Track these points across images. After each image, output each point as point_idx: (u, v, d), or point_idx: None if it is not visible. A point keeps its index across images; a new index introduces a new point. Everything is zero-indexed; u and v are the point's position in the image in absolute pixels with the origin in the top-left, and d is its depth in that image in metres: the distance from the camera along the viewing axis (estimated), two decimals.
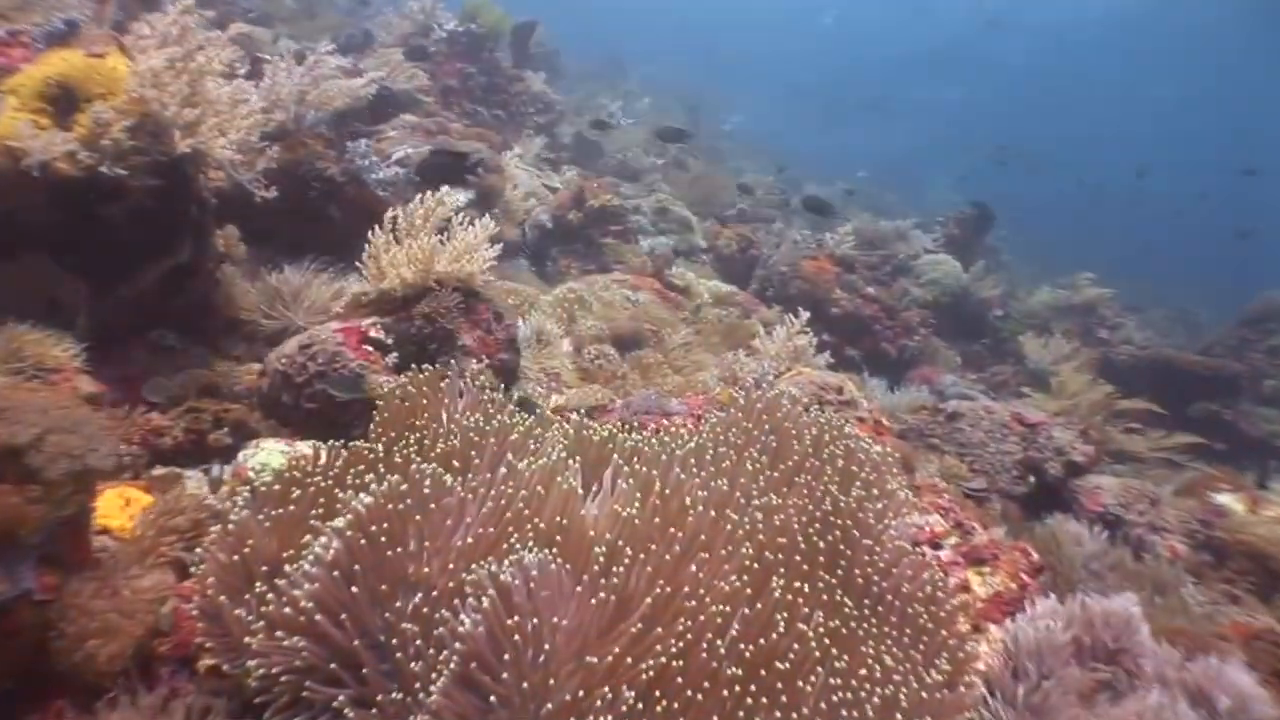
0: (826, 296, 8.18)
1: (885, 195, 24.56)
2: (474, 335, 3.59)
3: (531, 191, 8.12)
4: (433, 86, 9.62)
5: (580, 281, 6.43)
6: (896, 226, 11.68)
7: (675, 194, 11.56)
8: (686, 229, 8.78)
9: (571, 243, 7.41)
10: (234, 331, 4.48)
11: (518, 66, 11.23)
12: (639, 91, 18.55)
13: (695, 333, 6.40)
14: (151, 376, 3.78)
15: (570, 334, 5.51)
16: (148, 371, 3.84)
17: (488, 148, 6.74)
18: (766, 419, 2.60)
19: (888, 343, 8.46)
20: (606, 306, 5.99)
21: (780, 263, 8.41)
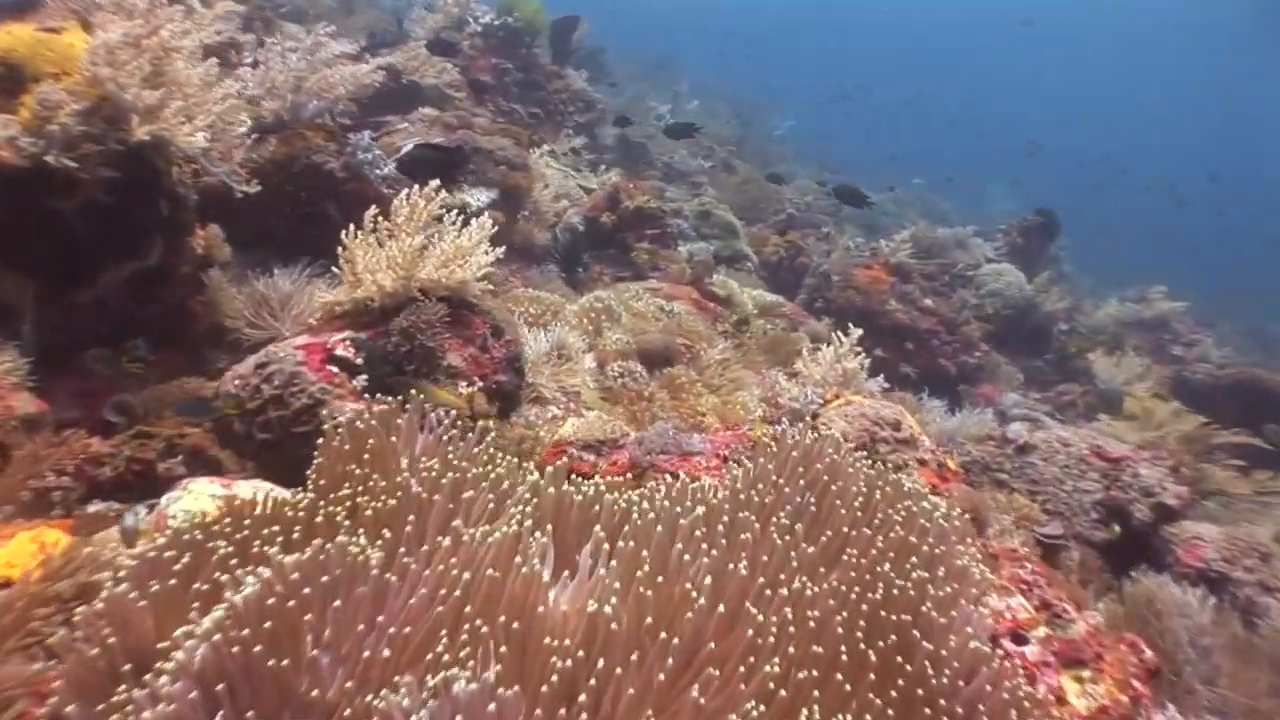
0: (880, 308, 7.56)
1: (941, 203, 23.82)
2: (465, 353, 3.08)
3: (565, 192, 7.62)
4: (464, 82, 9.19)
5: (610, 290, 5.91)
6: (956, 234, 11.00)
7: (721, 198, 11.01)
8: (731, 234, 8.22)
9: (605, 247, 6.90)
10: (218, 342, 4.03)
11: (558, 64, 10.75)
12: (689, 94, 18.02)
13: (735, 347, 5.84)
14: (116, 392, 3.35)
15: (595, 348, 4.99)
16: (112, 387, 3.41)
17: (514, 144, 6.26)
18: (803, 471, 2.05)
19: (946, 359, 7.81)
20: (637, 318, 5.45)
21: (831, 271, 7.81)
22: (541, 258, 6.87)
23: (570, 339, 4.85)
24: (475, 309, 3.27)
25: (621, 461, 2.72)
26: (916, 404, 6.92)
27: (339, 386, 2.76)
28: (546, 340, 4.82)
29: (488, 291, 3.39)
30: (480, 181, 6.00)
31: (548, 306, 5.51)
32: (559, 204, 7.08)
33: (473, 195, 5.92)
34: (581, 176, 8.39)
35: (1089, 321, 11.30)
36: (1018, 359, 9.79)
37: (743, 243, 8.27)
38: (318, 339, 2.90)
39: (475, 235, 3.24)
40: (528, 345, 4.75)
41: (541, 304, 5.51)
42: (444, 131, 6.11)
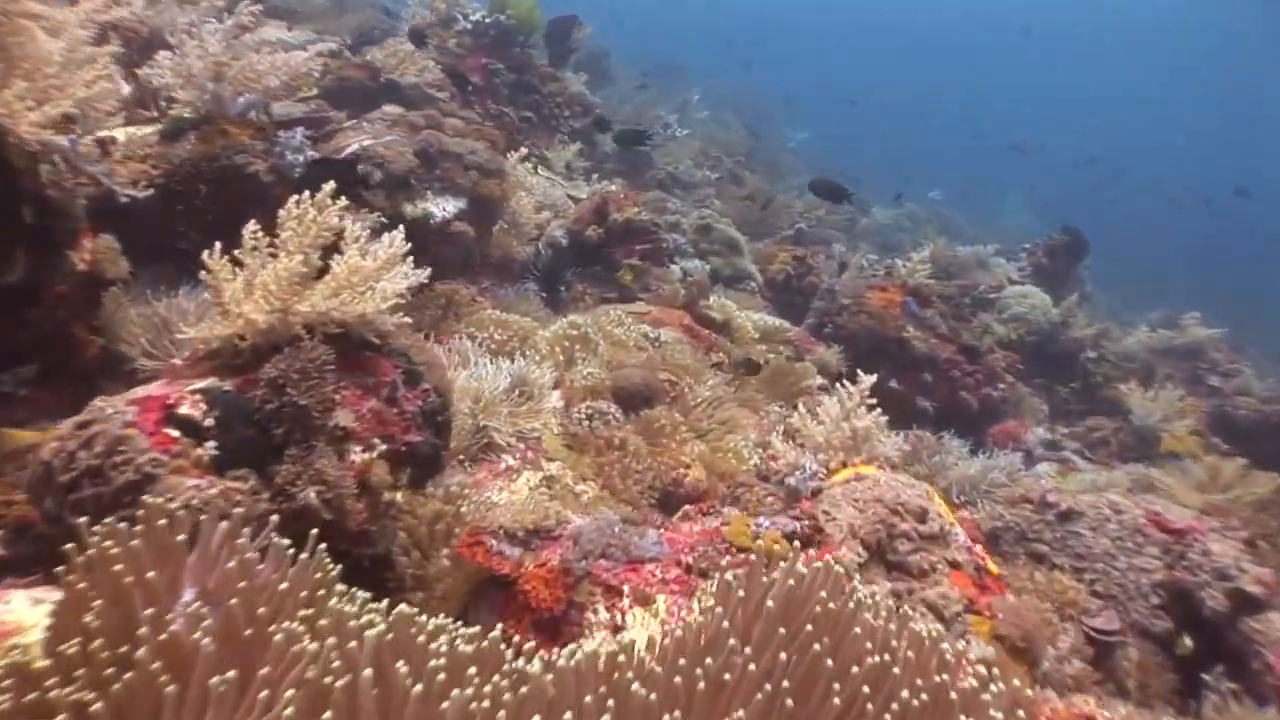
0: (896, 335, 6.84)
1: (956, 217, 23.10)
2: (363, 408, 2.39)
3: (551, 202, 6.94)
4: (449, 82, 8.53)
5: (589, 314, 5.22)
6: (977, 253, 10.28)
7: (726, 211, 10.31)
8: (733, 251, 7.52)
9: (590, 264, 6.21)
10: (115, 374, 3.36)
11: (554, 65, 10.10)
12: (701, 103, 17.37)
13: (729, 382, 5.13)
14: None
15: (563, 384, 4.29)
16: None
17: (488, 148, 5.59)
18: (783, 633, 1.34)
19: (968, 392, 7.09)
20: (616, 347, 4.76)
21: (842, 293, 7.10)
22: (520, 274, 6.18)
23: (533, 373, 4.16)
24: (383, 349, 2.58)
25: (552, 564, 2.04)
26: (936, 444, 6.20)
27: (178, 456, 2.07)
28: (506, 374, 4.13)
29: (402, 325, 2.69)
30: (447, 188, 5.32)
31: (516, 332, 4.82)
32: (540, 215, 6.40)
33: (437, 204, 5.24)
34: (572, 185, 7.71)
35: (1117, 348, 10.51)
36: (1041, 389, 9.06)
37: (746, 260, 7.57)
38: (164, 390, 2.21)
39: (381, 255, 2.55)
40: (485, 380, 4.07)
41: (509, 329, 4.82)
42: (408, 132, 5.45)
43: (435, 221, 5.25)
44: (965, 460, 6.03)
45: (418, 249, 5.25)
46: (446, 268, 5.43)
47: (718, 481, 4.10)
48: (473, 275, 5.83)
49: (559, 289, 6.11)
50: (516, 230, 6.09)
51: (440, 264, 5.54)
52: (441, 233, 5.28)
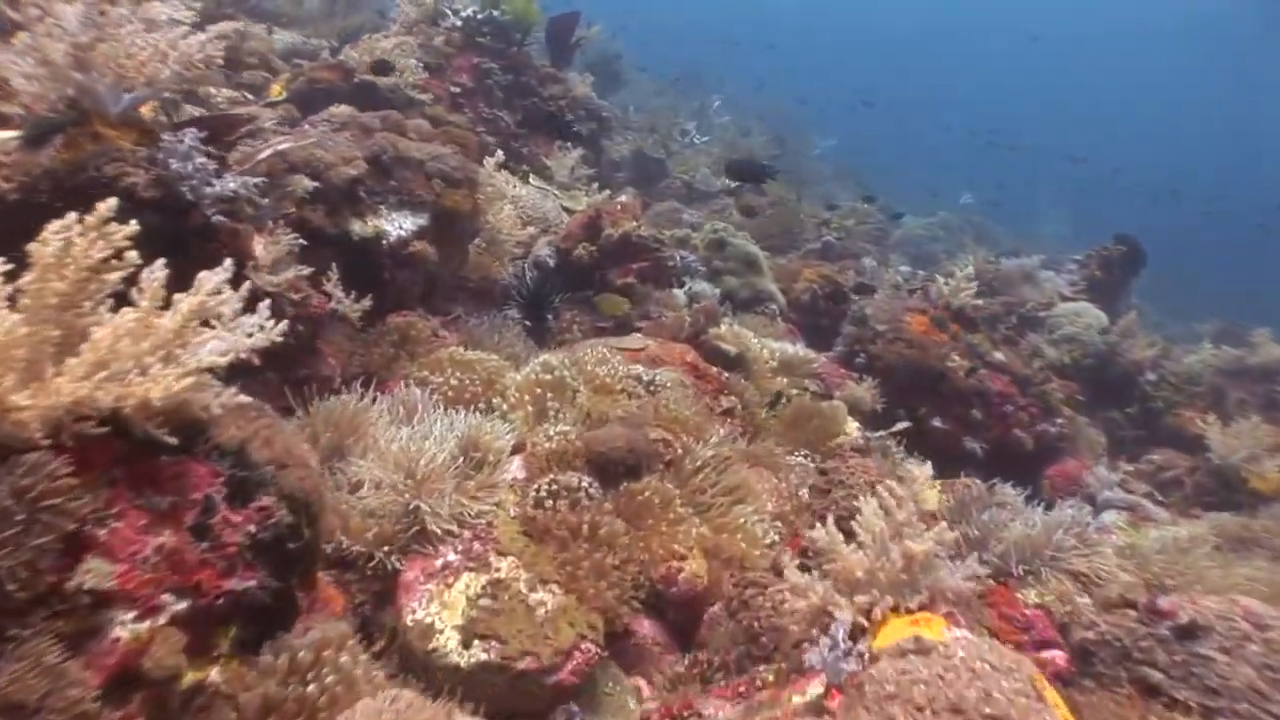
0: (939, 366, 5.90)
1: (992, 225, 22.11)
2: (144, 549, 1.52)
3: (541, 215, 6.08)
4: (438, 84, 7.71)
5: (570, 351, 4.33)
6: (1022, 266, 9.29)
7: (745, 223, 9.40)
8: (751, 269, 6.61)
9: (582, 287, 5.32)
10: None
11: (556, 66, 9.25)
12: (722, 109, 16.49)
13: (741, 432, 4.24)
14: None
15: (526, 448, 3.41)
16: None
17: (456, 153, 4.74)
18: None
19: (1022, 429, 6.14)
20: (600, 395, 3.86)
21: (876, 317, 6.17)
22: (501, 300, 5.32)
23: (486, 434, 3.29)
24: (197, 448, 1.71)
25: None
26: (987, 494, 5.26)
27: None
28: (455, 435, 3.25)
29: (234, 407, 1.81)
30: (405, 202, 4.47)
31: (481, 374, 3.95)
32: (524, 231, 5.53)
33: (392, 220, 4.39)
34: (569, 196, 6.84)
35: (1178, 369, 9.43)
36: (1096, 417, 8.07)
37: (766, 280, 6.65)
38: None
39: (186, 306, 1.67)
40: (426, 444, 3.19)
41: (471, 371, 3.95)
42: (359, 135, 4.61)
43: (390, 241, 4.40)
44: (1022, 514, 5.09)
45: (368, 275, 4.41)
46: (404, 296, 4.58)
47: (722, 571, 3.21)
48: (440, 303, 4.97)
49: (545, 317, 5.23)
50: (495, 248, 5.23)
51: (396, 291, 4.71)
52: (397, 255, 4.43)
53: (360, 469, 3.20)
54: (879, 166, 24.87)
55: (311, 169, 4.13)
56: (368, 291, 4.37)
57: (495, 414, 3.78)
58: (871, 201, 13.16)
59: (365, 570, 2.98)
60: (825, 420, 4.92)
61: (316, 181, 4.10)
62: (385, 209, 4.46)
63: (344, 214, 4.28)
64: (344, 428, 3.42)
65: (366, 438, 3.42)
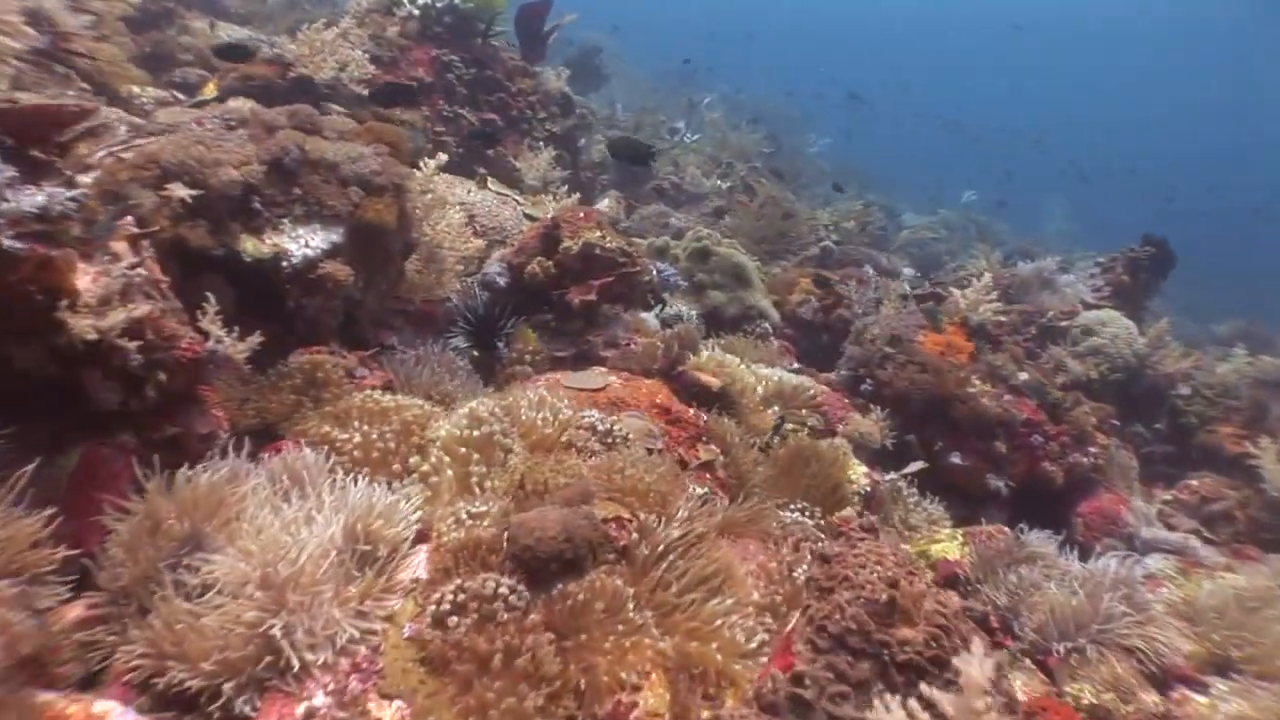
0: (958, 392, 5.11)
1: (996, 224, 21.39)
2: None
3: (497, 225, 5.29)
4: (391, 79, 6.93)
5: (513, 392, 3.52)
6: (1039, 270, 8.49)
7: (739, 226, 8.61)
8: (740, 281, 5.81)
9: (538, 309, 4.53)
10: None
11: (527, 59, 8.47)
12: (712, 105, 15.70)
13: (724, 487, 3.45)
14: None
15: (432, 537, 2.62)
16: None
17: (379, 154, 3.95)
18: None
19: (1051, 461, 5.35)
20: (539, 453, 3.07)
21: (883, 336, 5.37)
22: (446, 325, 4.54)
23: (379, 520, 2.50)
24: None
25: None
26: (1014, 544, 4.47)
27: None
28: (336, 525, 2.47)
29: None
30: (315, 213, 3.69)
31: (396, 427, 3.17)
32: (473, 243, 4.73)
33: (295, 237, 3.60)
34: (532, 202, 6.05)
35: (1210, 379, 8.61)
36: (1122, 436, 7.27)
37: (756, 293, 5.85)
38: None
39: None
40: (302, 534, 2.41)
41: (385, 423, 3.17)
42: (260, 134, 3.83)
43: (294, 262, 3.60)
44: (1056, 568, 4.32)
45: (268, 305, 3.62)
46: (316, 328, 3.79)
47: (691, 696, 2.41)
48: (370, 332, 4.18)
49: (496, 345, 4.44)
50: (435, 265, 4.44)
51: (306, 323, 3.91)
52: (303, 278, 3.64)
53: (215, 567, 2.41)
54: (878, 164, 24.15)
55: (190, 175, 3.35)
56: (268, 324, 3.60)
57: (412, 479, 3.00)
58: (841, 191, 12.46)
59: (209, 713, 2.20)
60: (826, 464, 4.14)
61: (197, 190, 3.32)
62: (289, 223, 3.67)
63: (233, 230, 3.49)
64: (203, 508, 2.63)
65: (233, 522, 2.64)
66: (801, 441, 4.24)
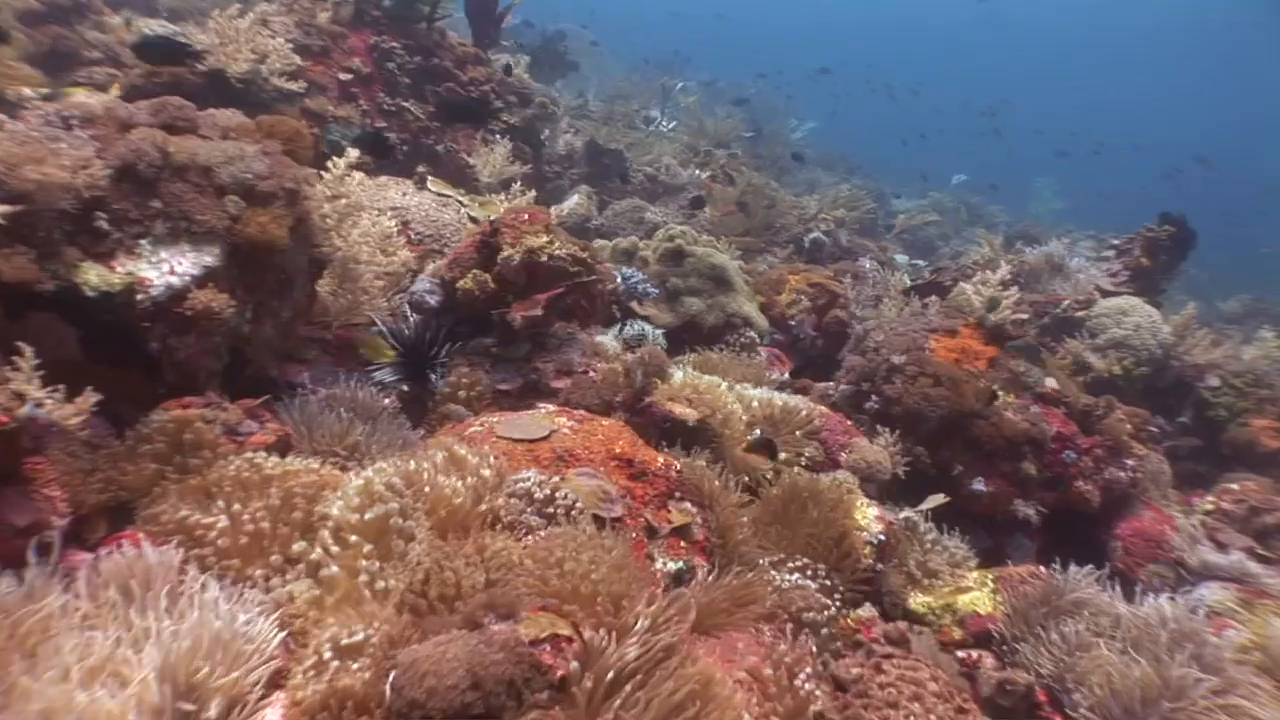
0: (978, 407, 4.38)
1: (988, 206, 20.79)
2: None
3: (434, 233, 4.56)
4: (323, 70, 6.19)
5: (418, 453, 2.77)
6: (1049, 255, 7.79)
7: (719, 220, 7.88)
8: (720, 286, 5.08)
9: (478, 333, 3.80)
10: None
11: (480, 45, 7.71)
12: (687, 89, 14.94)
13: (703, 551, 2.73)
14: None
15: (289, 690, 1.88)
16: None
17: (265, 154, 3.20)
18: None
19: (1085, 479, 4.64)
20: (453, 534, 2.34)
21: (888, 345, 4.63)
22: (366, 359, 3.80)
23: (201, 670, 1.77)
24: None
25: None
26: (1050, 586, 3.74)
27: None
28: (154, 663, 1.74)
29: None
30: (181, 231, 2.95)
31: (280, 503, 2.44)
32: (399, 255, 3.99)
33: (155, 262, 2.87)
34: (478, 203, 5.30)
35: (1238, 367, 7.87)
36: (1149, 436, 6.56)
37: (740, 298, 5.11)
38: None
39: None
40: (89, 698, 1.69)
41: (262, 497, 2.44)
42: (112, 132, 3.09)
43: (154, 294, 2.86)
44: (1106, 617, 3.60)
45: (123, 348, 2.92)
46: (191, 372, 3.05)
47: None
48: (268, 370, 3.44)
49: (429, 376, 3.71)
50: (350, 283, 3.70)
51: (177, 368, 3.17)
52: (168, 313, 2.90)
53: None
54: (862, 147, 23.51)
55: (4, 188, 2.60)
56: (126, 371, 2.87)
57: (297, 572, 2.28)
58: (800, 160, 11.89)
59: None
60: (827, 507, 3.42)
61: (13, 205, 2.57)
62: (148, 244, 2.92)
63: (68, 257, 2.75)
64: None
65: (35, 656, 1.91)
66: (798, 479, 3.52)
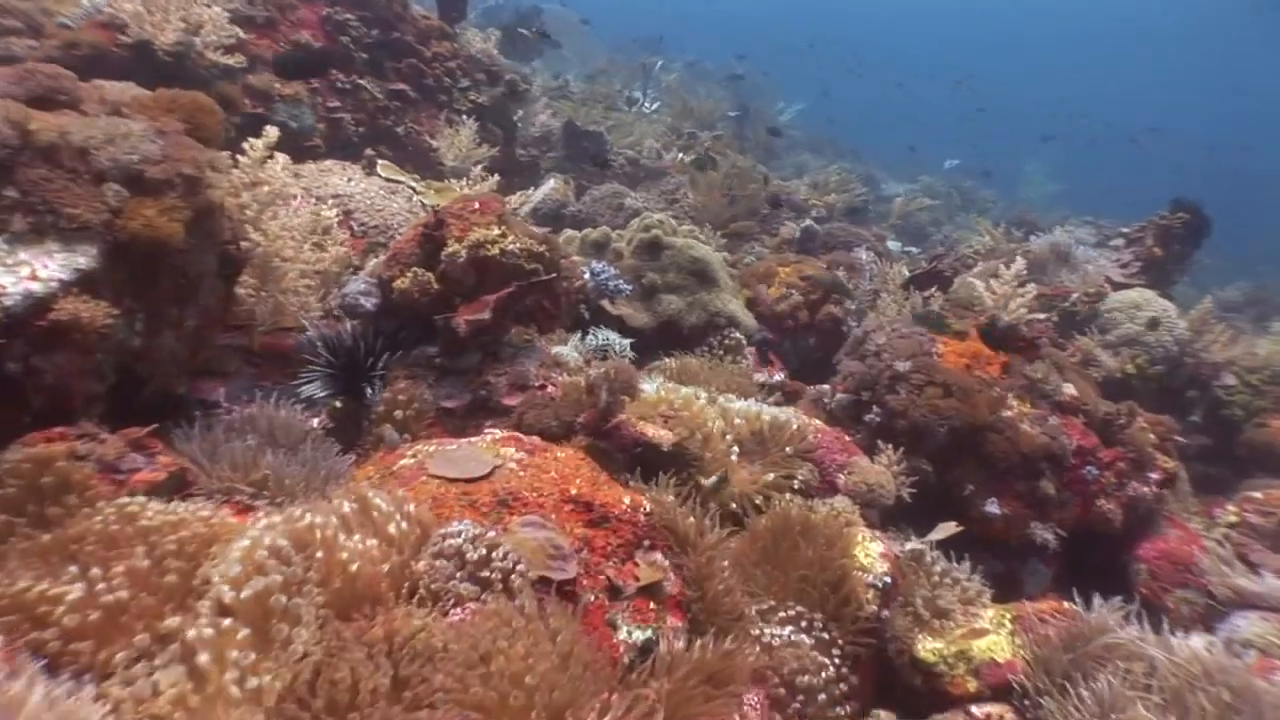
0: (991, 420, 3.91)
1: (980, 191, 20.41)
2: None
3: (380, 224, 4.05)
4: (268, 43, 5.65)
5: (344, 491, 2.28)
6: (1054, 244, 7.32)
7: (700, 208, 7.38)
8: (702, 281, 4.59)
9: (421, 341, 3.30)
10: None
11: (446, 19, 7.17)
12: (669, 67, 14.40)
13: (679, 605, 2.26)
14: None
15: None
16: None
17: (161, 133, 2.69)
18: None
19: (1107, 497, 4.18)
20: (356, 618, 1.86)
21: (891, 350, 4.14)
22: (295, 370, 3.30)
23: None
24: None
25: None
26: (1081, 634, 3.28)
27: None
28: None
29: None
30: (45, 228, 2.43)
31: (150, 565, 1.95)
32: (330, 251, 3.48)
33: (12, 266, 2.35)
34: (436, 189, 4.79)
35: (1252, 362, 7.39)
36: None
37: (724, 294, 4.61)
38: None
39: None
40: None
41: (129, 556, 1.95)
42: None
43: (9, 305, 2.35)
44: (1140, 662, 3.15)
45: None
46: (63, 398, 2.53)
47: None
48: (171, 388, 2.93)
49: (364, 390, 3.21)
50: (273, 287, 3.19)
51: (44, 392, 2.68)
52: (30, 328, 2.39)
53: None
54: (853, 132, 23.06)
55: None
56: None
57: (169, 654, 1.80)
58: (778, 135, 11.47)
59: None
60: (823, 544, 2.94)
61: None
62: (1, 243, 2.41)
63: None
64: None
65: None
66: (789, 510, 3.04)
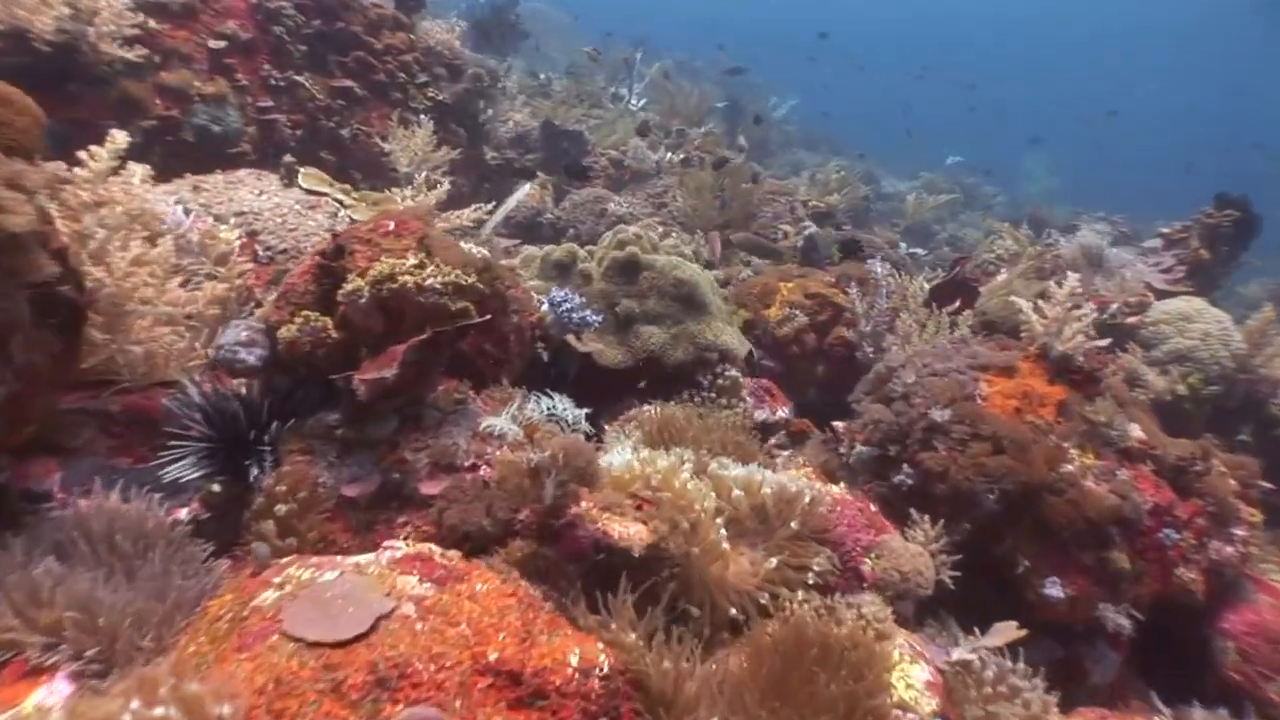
0: (1050, 480, 3.15)
1: (983, 187, 19.71)
2: None
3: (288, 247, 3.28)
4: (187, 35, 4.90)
5: (138, 679, 1.53)
6: (1085, 247, 6.54)
7: (689, 215, 6.62)
8: (689, 309, 3.81)
9: (324, 402, 2.55)
10: None
11: (403, 8, 6.40)
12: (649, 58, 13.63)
13: None
14: None
15: None
16: None
17: None
18: None
19: (1188, 564, 3.42)
20: None
21: (924, 392, 3.36)
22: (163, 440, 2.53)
23: None
24: None
25: None
26: None
27: None
28: None
29: None
30: None
31: None
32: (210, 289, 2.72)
33: None
34: (371, 201, 4.02)
35: None
36: None
37: (716, 323, 3.84)
38: None
39: None
40: None
41: None
42: None
43: None
44: None
45: None
46: None
47: None
48: None
49: (248, 467, 2.44)
50: (124, 337, 2.43)
51: None
52: None
53: None
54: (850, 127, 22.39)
55: None
56: None
57: None
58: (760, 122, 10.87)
59: None
60: (849, 674, 2.18)
61: None
62: None
63: None
64: None
65: None
66: (803, 625, 2.28)
